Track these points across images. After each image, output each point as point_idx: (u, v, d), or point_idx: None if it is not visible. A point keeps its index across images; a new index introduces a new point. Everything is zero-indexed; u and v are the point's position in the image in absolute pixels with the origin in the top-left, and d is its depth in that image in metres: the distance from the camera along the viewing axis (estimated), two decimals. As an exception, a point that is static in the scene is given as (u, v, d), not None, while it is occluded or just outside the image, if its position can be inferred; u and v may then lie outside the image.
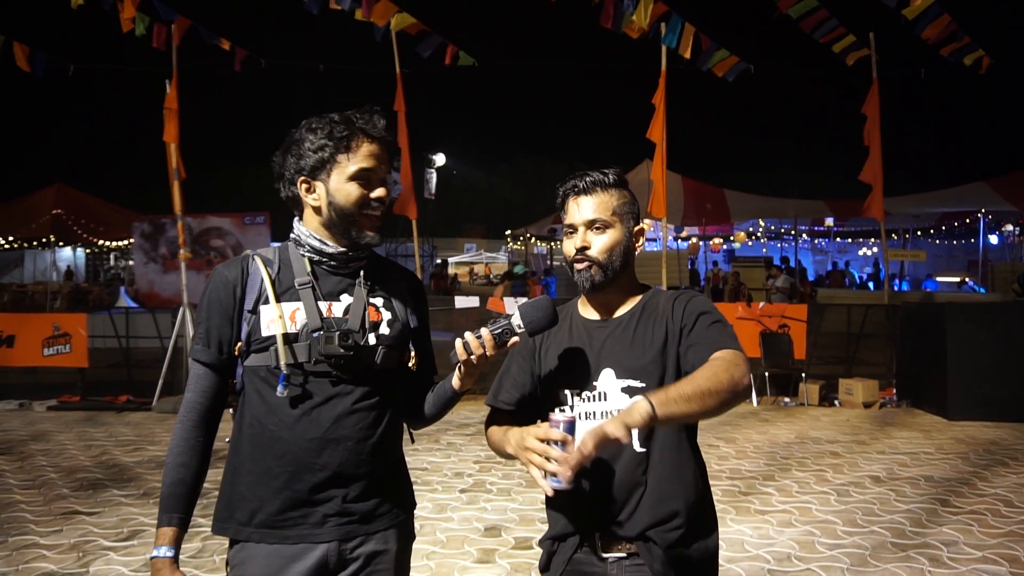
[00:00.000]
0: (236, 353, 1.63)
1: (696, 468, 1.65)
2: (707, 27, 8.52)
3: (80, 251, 23.44)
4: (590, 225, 1.66)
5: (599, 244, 1.66)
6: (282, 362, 1.56)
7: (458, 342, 1.57)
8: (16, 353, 8.53)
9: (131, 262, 19.39)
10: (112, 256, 25.33)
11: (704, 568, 1.61)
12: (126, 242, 18.66)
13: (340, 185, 1.59)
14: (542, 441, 1.42)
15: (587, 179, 1.68)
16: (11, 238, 18.15)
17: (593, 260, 1.65)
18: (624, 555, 1.61)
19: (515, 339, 1.58)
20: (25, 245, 19.45)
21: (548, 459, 1.39)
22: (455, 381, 1.69)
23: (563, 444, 1.40)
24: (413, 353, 1.73)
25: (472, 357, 1.57)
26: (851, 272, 24.66)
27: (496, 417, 1.81)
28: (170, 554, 1.52)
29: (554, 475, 1.37)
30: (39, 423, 7.48)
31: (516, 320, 1.57)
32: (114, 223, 18.46)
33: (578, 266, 1.67)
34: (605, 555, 1.61)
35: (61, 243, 19.25)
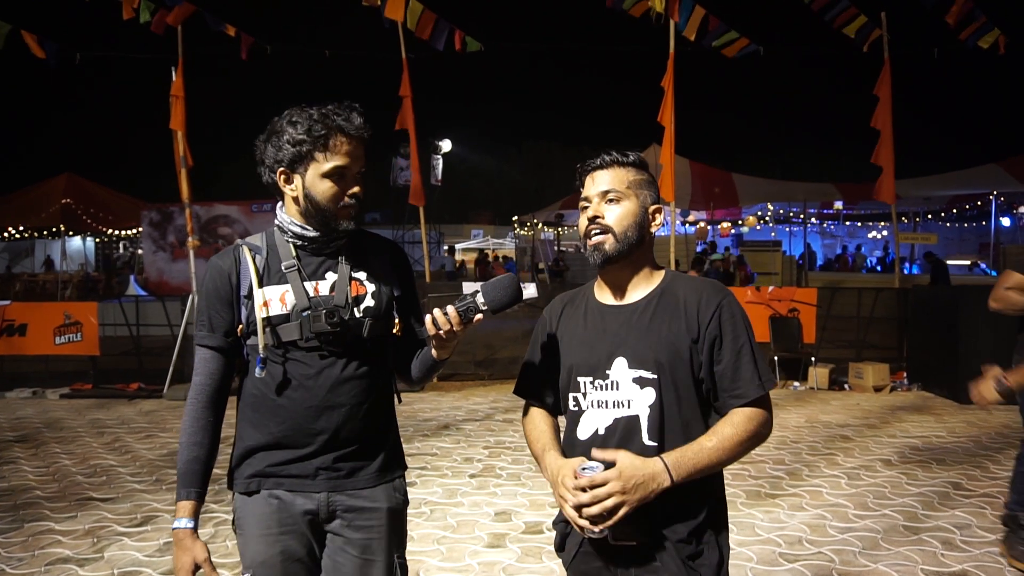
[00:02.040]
0: (239, 335, 1.75)
1: None
2: (717, 8, 8.41)
3: (90, 240, 23.55)
4: (604, 196, 1.65)
5: (613, 214, 1.64)
6: (260, 345, 1.68)
7: (428, 318, 1.63)
8: (28, 342, 8.60)
9: (140, 251, 19.46)
10: (121, 245, 25.43)
11: (712, 560, 1.59)
12: (135, 231, 18.71)
13: (315, 181, 1.67)
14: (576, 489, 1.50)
15: (606, 157, 1.69)
16: (21, 227, 18.24)
17: (606, 228, 1.63)
18: (634, 543, 1.60)
19: (479, 316, 1.62)
20: (35, 235, 19.55)
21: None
22: (433, 352, 1.75)
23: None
24: (397, 320, 1.83)
25: (440, 332, 1.62)
26: (863, 255, 24.43)
27: (529, 408, 1.83)
28: (190, 525, 1.68)
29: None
30: (52, 411, 7.55)
31: (479, 299, 1.61)
32: (123, 212, 18.52)
33: (591, 239, 1.64)
34: (615, 542, 1.60)
35: (71, 232, 19.34)
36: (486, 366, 9.04)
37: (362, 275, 1.78)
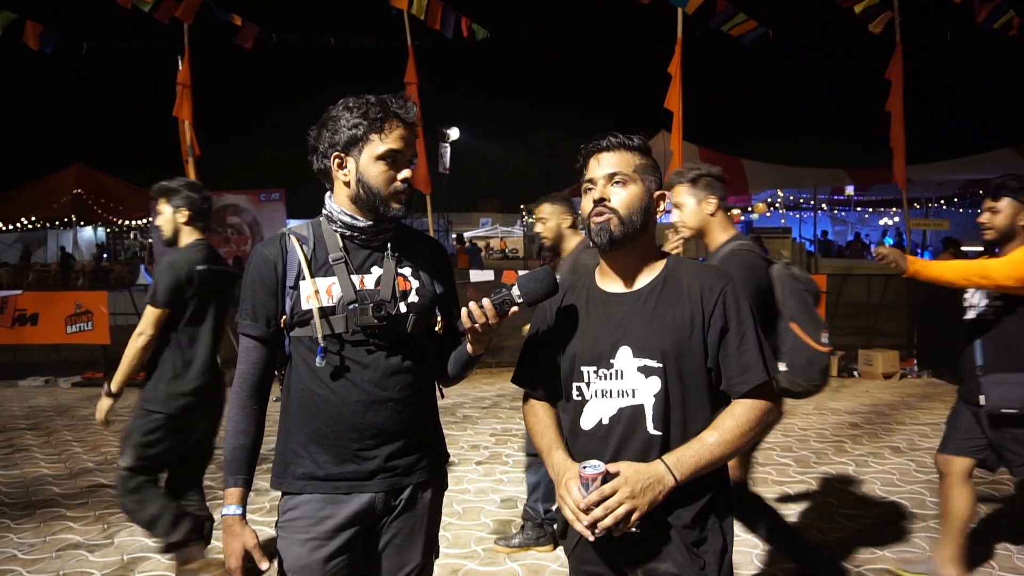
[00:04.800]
0: (282, 325, 1.74)
1: None
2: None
3: (101, 230, 23.69)
4: (610, 178, 1.63)
5: (619, 197, 1.62)
6: (319, 335, 1.67)
7: (464, 311, 1.63)
8: (40, 331, 8.67)
9: (150, 240, 19.56)
10: (132, 234, 25.56)
11: (716, 546, 1.59)
12: (145, 221, 18.80)
13: (369, 163, 1.68)
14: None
15: (611, 138, 1.66)
16: (33, 218, 18.35)
17: (612, 210, 1.61)
18: (635, 529, 1.60)
19: (515, 308, 1.62)
20: (48, 225, 19.67)
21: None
22: (468, 347, 1.76)
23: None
24: (439, 317, 1.83)
25: (476, 326, 1.63)
26: (884, 243, 24.09)
27: (529, 398, 1.83)
28: (239, 512, 1.68)
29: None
30: (64, 399, 7.63)
31: (515, 291, 1.61)
32: (133, 202, 18.58)
33: (596, 219, 1.62)
34: (616, 533, 1.60)
35: (82, 223, 19.46)
36: (493, 353, 9.03)
37: (407, 271, 1.78)
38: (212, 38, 9.44)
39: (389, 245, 1.77)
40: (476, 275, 8.98)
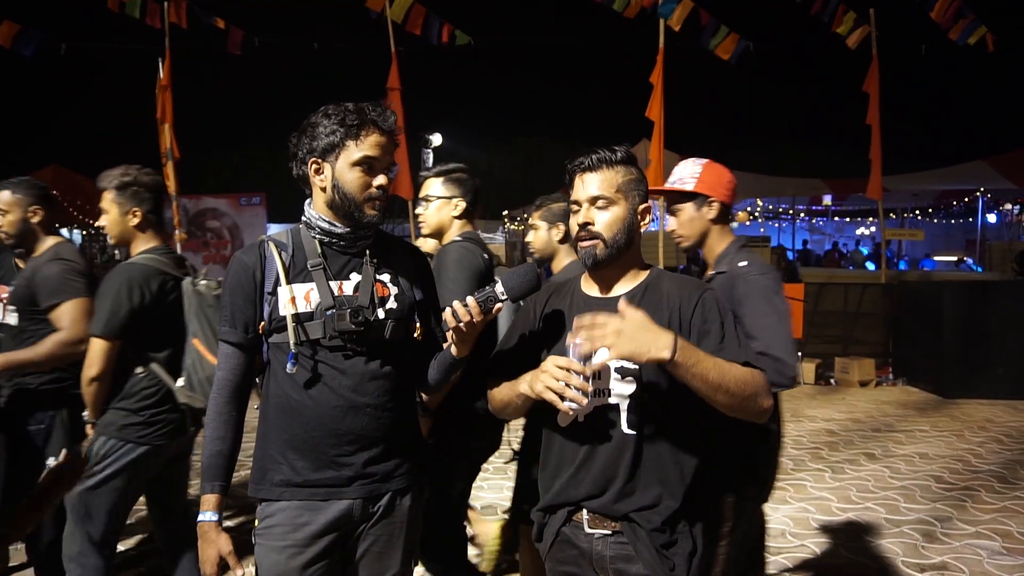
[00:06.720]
0: (260, 332, 1.74)
1: (696, 452, 1.64)
2: (706, 3, 8.41)
3: (76, 233, 23.36)
4: (593, 201, 1.66)
5: (602, 220, 1.65)
6: (291, 341, 1.66)
7: (447, 311, 1.64)
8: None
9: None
10: (109, 237, 25.22)
11: (685, 548, 1.62)
12: (122, 223, 18.56)
13: (345, 169, 1.69)
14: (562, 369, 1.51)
15: (593, 156, 1.69)
16: (6, 220, 18.07)
17: (596, 235, 1.65)
18: (609, 532, 1.63)
19: (499, 305, 1.64)
20: (21, 227, 19.34)
21: (567, 385, 1.50)
22: (452, 349, 1.76)
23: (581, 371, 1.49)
24: (418, 324, 1.83)
25: (460, 324, 1.64)
26: (860, 251, 24.33)
27: (497, 384, 1.82)
28: (214, 518, 1.70)
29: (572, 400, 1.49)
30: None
31: (499, 288, 1.63)
32: (110, 204, 18.34)
33: (582, 243, 1.67)
34: (591, 531, 1.64)
35: (57, 225, 19.15)
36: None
37: (386, 277, 1.79)
38: (193, 40, 9.38)
39: (368, 252, 1.78)
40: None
